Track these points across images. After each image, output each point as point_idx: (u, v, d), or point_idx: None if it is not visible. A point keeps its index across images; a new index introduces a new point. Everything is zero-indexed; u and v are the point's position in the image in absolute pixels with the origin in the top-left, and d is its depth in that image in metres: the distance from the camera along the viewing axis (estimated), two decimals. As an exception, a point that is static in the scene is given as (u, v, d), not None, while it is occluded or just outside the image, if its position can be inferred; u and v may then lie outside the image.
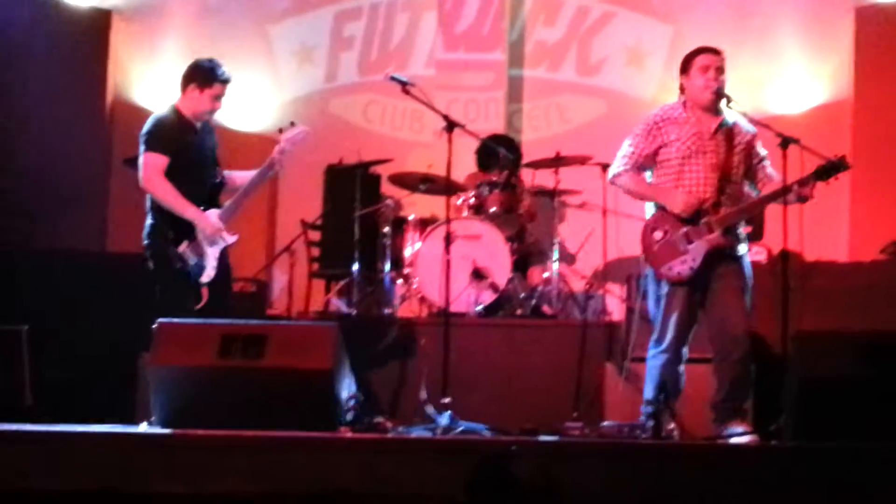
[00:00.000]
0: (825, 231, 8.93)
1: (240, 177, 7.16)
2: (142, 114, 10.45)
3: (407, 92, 7.09)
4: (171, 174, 6.85)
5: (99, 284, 8.24)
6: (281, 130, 7.05)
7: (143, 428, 6.39)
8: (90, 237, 9.76)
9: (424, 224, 8.86)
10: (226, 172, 7.19)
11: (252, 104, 10.38)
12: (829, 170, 6.49)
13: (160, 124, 6.96)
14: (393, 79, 7.16)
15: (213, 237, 6.87)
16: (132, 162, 9.86)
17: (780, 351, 6.37)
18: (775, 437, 6.04)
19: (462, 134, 7.22)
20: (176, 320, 6.51)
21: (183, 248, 6.83)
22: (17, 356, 7.64)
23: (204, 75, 6.98)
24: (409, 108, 10.37)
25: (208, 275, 6.84)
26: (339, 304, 9.10)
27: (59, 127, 9.60)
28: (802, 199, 6.48)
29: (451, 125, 7.01)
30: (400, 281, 8.93)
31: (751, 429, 6.41)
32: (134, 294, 8.09)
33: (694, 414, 6.68)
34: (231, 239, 6.97)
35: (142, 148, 6.96)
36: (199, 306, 6.78)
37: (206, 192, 6.96)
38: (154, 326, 6.36)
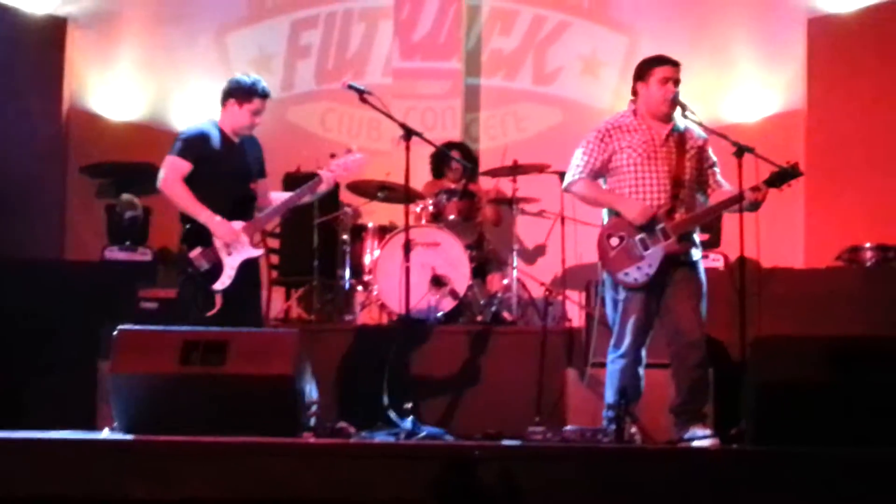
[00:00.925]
0: (781, 238, 9.01)
1: (278, 197, 7.26)
2: (98, 121, 10.50)
3: (364, 100, 7.09)
4: (196, 182, 6.92)
5: (58, 292, 8.21)
6: (333, 155, 7.20)
7: (106, 434, 6.36)
8: (47, 245, 9.71)
9: (383, 232, 8.88)
10: (272, 194, 7.27)
11: (209, 112, 10.31)
12: (782, 176, 6.57)
13: (192, 133, 7.05)
14: (350, 87, 7.17)
15: (229, 245, 6.87)
16: (88, 170, 9.91)
17: (739, 356, 6.43)
18: (736, 440, 6.09)
19: (419, 142, 7.24)
20: (136, 327, 6.51)
21: (195, 253, 6.85)
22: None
23: (243, 91, 7.05)
24: (367, 117, 10.39)
25: (222, 282, 6.83)
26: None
27: (15, 134, 9.54)
28: (754, 207, 6.54)
29: (408, 133, 7.02)
30: (360, 288, 8.95)
31: (711, 432, 6.47)
32: (93, 301, 8.10)
33: (655, 418, 6.73)
34: (254, 252, 6.99)
35: (170, 151, 7.02)
36: (210, 313, 6.77)
37: (232, 203, 6.98)
38: (114, 333, 6.33)
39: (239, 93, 7.05)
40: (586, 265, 8.92)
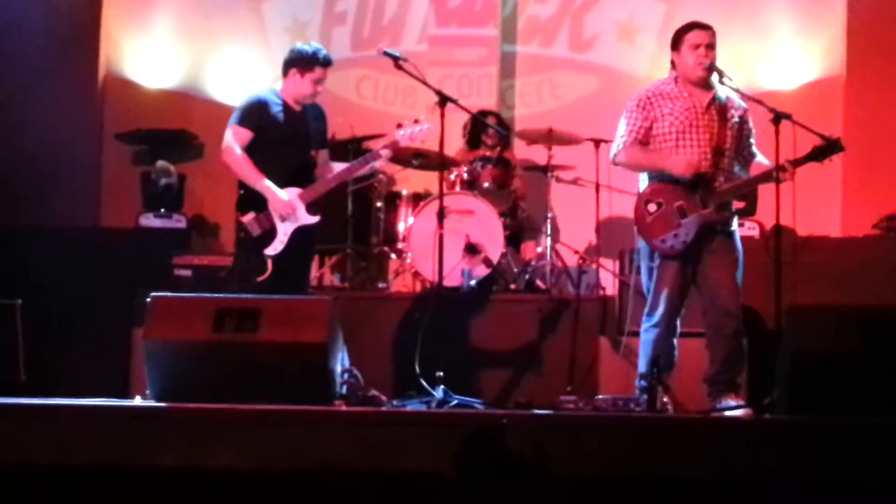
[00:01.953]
0: (817, 206, 8.93)
1: (338, 166, 7.32)
2: (134, 89, 10.51)
3: (400, 67, 7.09)
4: (255, 149, 7.00)
5: (92, 259, 8.25)
6: (399, 125, 7.22)
7: (138, 401, 6.40)
8: (83, 212, 9.76)
9: (417, 199, 8.87)
10: (333, 164, 7.33)
11: (244, 80, 10.34)
12: (825, 150, 6.51)
13: (253, 101, 7.13)
14: (386, 54, 7.16)
15: (283, 212, 6.91)
16: (124, 137, 9.94)
17: (774, 325, 6.39)
18: (769, 410, 6.07)
19: (455, 109, 7.22)
20: (169, 294, 6.53)
21: (248, 218, 6.96)
22: (11, 331, 7.65)
23: (305, 60, 7.10)
24: (402, 84, 10.35)
25: (274, 248, 6.93)
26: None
27: (52, 103, 9.58)
28: (783, 181, 6.48)
29: (443, 100, 7.00)
30: (393, 256, 8.94)
31: (744, 402, 6.44)
32: (127, 268, 8.13)
33: (687, 388, 6.71)
34: (310, 219, 7.04)
35: (230, 120, 7.10)
36: (261, 278, 6.85)
37: (292, 171, 7.05)
38: (147, 300, 6.35)
39: (300, 62, 7.09)
40: (621, 233, 8.87)
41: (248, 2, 10.88)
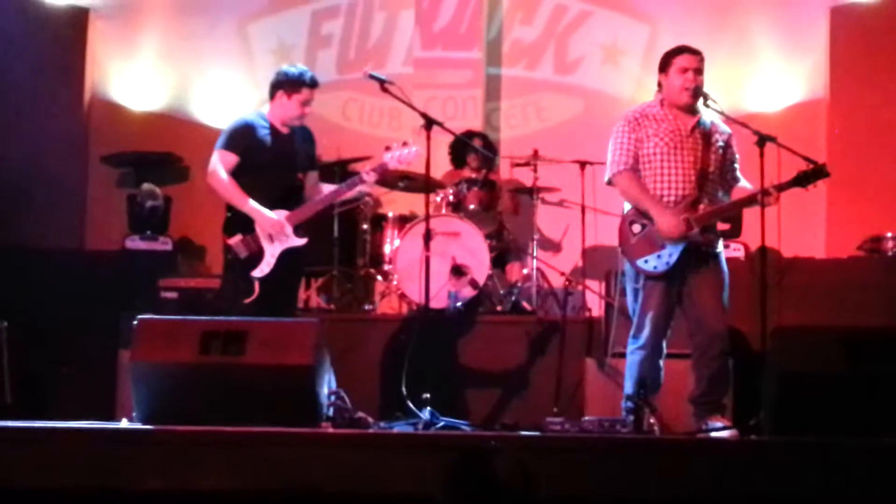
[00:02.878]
0: (802, 228, 8.99)
1: (327, 188, 7.33)
2: (119, 111, 10.52)
3: (385, 90, 7.10)
4: (242, 172, 7.01)
5: (78, 281, 8.24)
6: (388, 148, 7.20)
7: (124, 424, 6.39)
8: (69, 235, 9.75)
9: (403, 221, 8.89)
10: (322, 185, 7.33)
11: (230, 102, 10.36)
12: (810, 176, 6.53)
13: (239, 125, 7.14)
14: (371, 77, 7.18)
15: (272, 231, 6.92)
16: (109, 159, 9.94)
17: (759, 346, 6.41)
18: (754, 431, 6.08)
19: (441, 132, 7.24)
20: (156, 317, 6.52)
21: (235, 240, 6.95)
22: (-4, 353, 7.63)
23: (292, 82, 7.11)
24: (388, 106, 10.39)
25: (261, 270, 6.92)
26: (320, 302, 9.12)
27: (38, 125, 9.60)
28: (766, 205, 6.50)
29: (429, 123, 7.01)
30: (379, 278, 8.96)
31: (730, 423, 6.45)
32: (113, 291, 8.12)
33: (674, 409, 6.72)
34: (297, 241, 7.04)
35: (217, 144, 7.11)
36: (248, 300, 6.84)
37: (279, 193, 7.05)
38: (134, 323, 6.35)
39: (287, 84, 7.11)
40: (606, 255, 8.89)
41: (233, 24, 10.90)
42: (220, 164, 7.01)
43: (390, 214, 9.05)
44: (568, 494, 5.02)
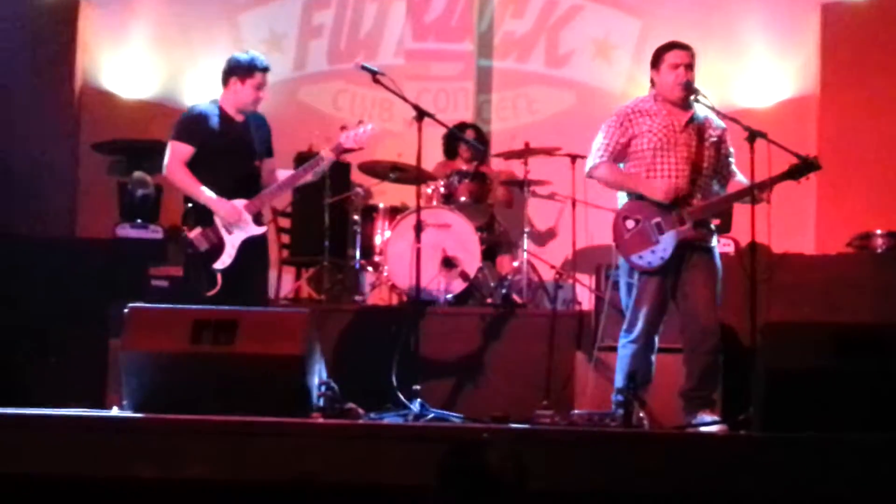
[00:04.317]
0: (792, 224, 9.00)
1: (282, 174, 7.27)
2: (110, 99, 10.51)
3: (377, 81, 7.09)
4: (199, 162, 6.97)
5: (69, 270, 8.22)
6: (343, 128, 7.17)
7: (115, 412, 6.38)
8: (59, 223, 9.73)
9: (394, 212, 8.89)
10: (278, 171, 7.28)
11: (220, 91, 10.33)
12: (802, 169, 6.54)
13: (191, 115, 7.11)
14: (363, 68, 7.16)
15: (231, 224, 6.90)
16: (100, 147, 9.92)
17: (749, 342, 6.42)
18: (743, 426, 6.09)
19: (431, 123, 7.24)
20: (147, 305, 6.52)
21: (195, 233, 6.91)
22: (-14, 342, 7.62)
23: (244, 67, 7.07)
24: (379, 97, 10.39)
25: (223, 262, 6.89)
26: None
27: (29, 113, 9.56)
28: (758, 201, 6.51)
29: (420, 114, 7.02)
30: (370, 269, 8.96)
31: (719, 418, 6.47)
32: (104, 279, 8.11)
33: (663, 403, 6.72)
34: (257, 229, 7.01)
35: (170, 136, 7.08)
36: (210, 293, 6.82)
37: (236, 182, 7.02)
38: (125, 311, 6.34)
39: (239, 70, 7.07)
40: (597, 248, 8.94)
41: (224, 14, 10.90)
42: (175, 156, 6.97)
43: (381, 206, 9.06)
44: (557, 487, 5.03)
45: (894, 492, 5.07)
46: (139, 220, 9.22)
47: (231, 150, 7.03)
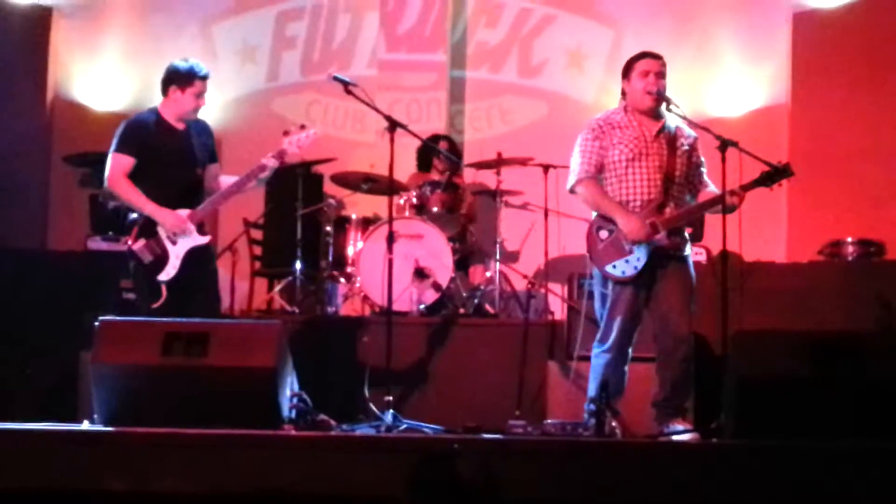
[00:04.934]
0: (763, 232, 9.04)
1: (226, 180, 7.20)
2: (82, 111, 10.48)
3: (349, 92, 7.08)
4: (140, 173, 6.92)
5: (40, 282, 8.19)
6: (286, 133, 7.13)
7: (86, 426, 6.35)
8: (30, 235, 9.70)
9: (367, 223, 8.89)
10: (221, 177, 7.22)
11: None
12: (774, 175, 6.56)
13: (130, 126, 7.05)
14: (335, 79, 7.15)
15: (175, 229, 6.87)
16: (72, 160, 9.89)
17: (720, 350, 6.42)
18: (715, 435, 6.08)
19: (404, 134, 7.24)
20: (118, 318, 6.50)
21: (138, 245, 6.85)
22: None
23: (183, 76, 7.04)
24: (352, 108, 10.41)
25: (167, 273, 6.83)
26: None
27: (-1, 125, 9.54)
28: (730, 210, 6.52)
29: (393, 125, 7.02)
30: (342, 280, 8.95)
31: (691, 427, 6.48)
32: (75, 291, 8.08)
33: (635, 412, 6.73)
34: (201, 239, 6.96)
35: (111, 148, 7.02)
36: (155, 305, 6.77)
37: (179, 191, 6.97)
38: (96, 324, 6.32)
39: (179, 78, 7.03)
40: (569, 258, 8.95)
41: (197, 25, 10.90)
42: (116, 168, 6.92)
43: (353, 216, 9.05)
44: (529, 497, 5.04)
45: (866, 498, 5.08)
46: (111, 233, 9.17)
47: (172, 159, 6.99)
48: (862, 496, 5.10)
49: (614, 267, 6.60)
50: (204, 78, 7.06)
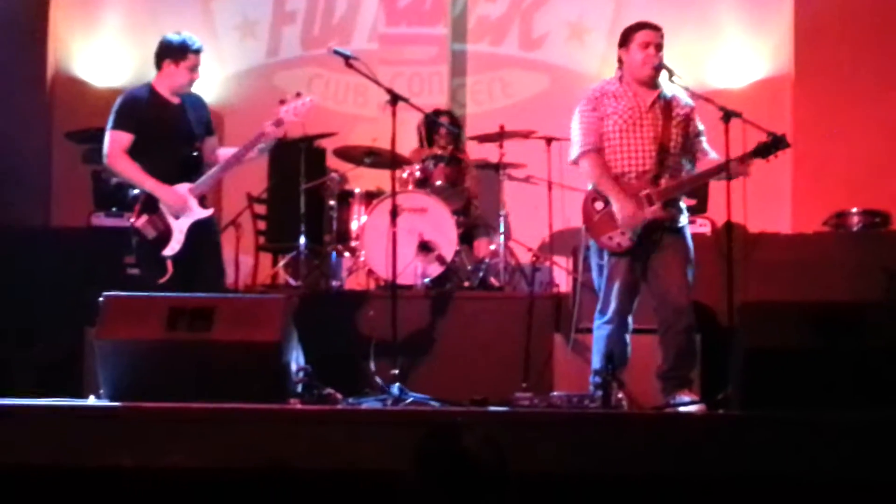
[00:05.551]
0: (768, 203, 9.02)
1: (224, 153, 7.18)
2: (83, 87, 10.44)
3: (350, 66, 7.06)
4: (139, 149, 6.92)
5: (44, 259, 8.18)
6: (282, 101, 7.10)
7: (91, 401, 6.35)
8: (34, 212, 9.68)
9: (370, 197, 8.87)
10: (220, 150, 7.21)
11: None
12: (770, 147, 6.55)
13: (126, 102, 7.04)
14: (336, 53, 7.13)
15: (176, 210, 6.85)
16: (73, 136, 9.86)
17: (726, 322, 6.43)
18: (722, 405, 6.10)
19: (406, 108, 7.21)
20: (122, 293, 6.49)
21: (141, 221, 6.86)
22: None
23: (176, 50, 7.04)
24: (353, 82, 10.37)
25: (172, 248, 6.84)
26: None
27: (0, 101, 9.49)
28: (735, 176, 6.50)
29: (395, 99, 6.99)
30: (346, 254, 8.94)
31: (698, 398, 6.48)
32: (79, 268, 8.07)
33: (642, 384, 6.74)
34: (203, 212, 6.96)
35: (107, 125, 7.01)
36: (162, 280, 6.76)
37: (178, 166, 6.97)
38: (100, 300, 6.31)
39: (172, 52, 7.04)
40: (574, 231, 8.87)
41: (197, 1, 10.83)
42: (115, 145, 6.92)
43: (357, 191, 9.03)
44: (536, 469, 5.03)
45: (873, 469, 5.08)
46: (114, 209, 9.16)
47: (170, 133, 6.99)
48: (869, 466, 5.10)
49: (610, 238, 6.60)
50: (197, 51, 7.05)
